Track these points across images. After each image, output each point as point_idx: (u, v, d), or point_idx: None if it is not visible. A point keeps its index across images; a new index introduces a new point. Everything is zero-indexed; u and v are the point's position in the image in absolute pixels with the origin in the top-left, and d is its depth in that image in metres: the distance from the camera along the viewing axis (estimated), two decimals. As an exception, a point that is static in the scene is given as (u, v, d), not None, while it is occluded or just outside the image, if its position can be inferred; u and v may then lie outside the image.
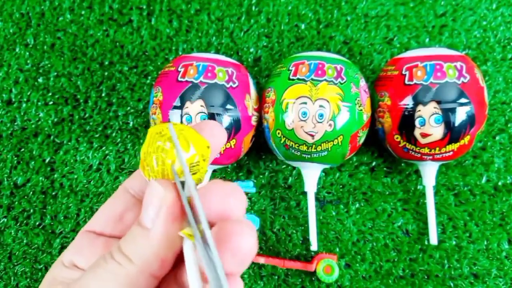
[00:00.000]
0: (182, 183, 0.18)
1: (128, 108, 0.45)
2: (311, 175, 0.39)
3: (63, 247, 0.43)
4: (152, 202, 0.17)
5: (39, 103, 0.45)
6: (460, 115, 0.35)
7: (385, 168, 0.43)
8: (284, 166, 0.44)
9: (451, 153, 0.37)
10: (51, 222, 0.43)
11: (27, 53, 0.47)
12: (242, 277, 0.43)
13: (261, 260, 0.40)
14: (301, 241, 0.42)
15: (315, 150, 0.36)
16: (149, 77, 0.46)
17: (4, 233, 0.43)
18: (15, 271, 0.43)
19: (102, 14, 0.47)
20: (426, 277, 0.41)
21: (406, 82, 0.37)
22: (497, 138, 0.44)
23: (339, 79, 0.36)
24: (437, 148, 0.37)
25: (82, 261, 0.20)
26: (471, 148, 0.39)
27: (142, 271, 0.17)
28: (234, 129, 0.36)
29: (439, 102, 0.35)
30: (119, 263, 0.17)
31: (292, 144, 0.37)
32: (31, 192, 0.44)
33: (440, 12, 0.47)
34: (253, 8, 0.47)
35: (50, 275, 0.20)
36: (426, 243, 0.42)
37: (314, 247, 0.40)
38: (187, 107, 0.36)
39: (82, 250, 0.20)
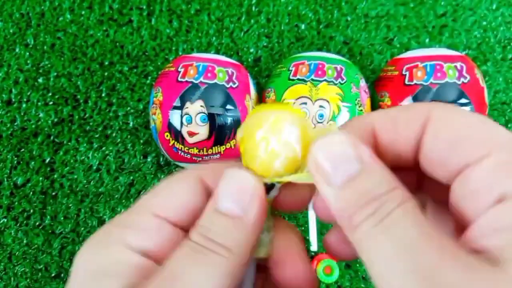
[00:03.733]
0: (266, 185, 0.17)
1: (128, 108, 0.45)
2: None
3: (63, 247, 0.43)
4: (243, 189, 0.16)
5: (39, 103, 0.45)
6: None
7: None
8: (284, 166, 0.44)
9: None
10: (51, 222, 0.43)
11: (27, 53, 0.47)
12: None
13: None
14: (301, 241, 0.42)
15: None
16: (149, 77, 0.46)
17: (4, 233, 0.43)
18: (15, 271, 0.43)
19: (102, 14, 0.47)
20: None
21: (406, 82, 0.37)
22: (497, 138, 0.44)
23: (339, 80, 0.36)
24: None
25: (154, 252, 0.17)
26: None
27: (240, 260, 0.16)
28: (234, 129, 0.36)
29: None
30: (219, 254, 0.15)
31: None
32: (31, 192, 0.44)
33: (440, 12, 0.47)
34: (253, 8, 0.47)
35: (96, 261, 0.16)
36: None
37: (314, 247, 0.40)
38: (187, 107, 0.36)
39: (156, 239, 0.17)
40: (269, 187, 0.18)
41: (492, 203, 0.13)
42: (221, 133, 0.36)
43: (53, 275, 0.42)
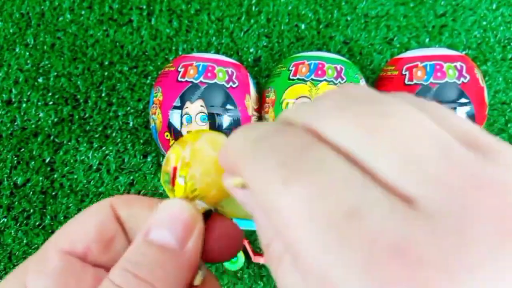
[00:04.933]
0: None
1: (128, 108, 0.45)
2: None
3: (63, 247, 0.43)
4: (178, 218, 0.15)
5: (39, 103, 0.45)
6: (460, 115, 0.35)
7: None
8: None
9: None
10: (51, 222, 0.43)
11: (27, 53, 0.47)
12: (242, 277, 0.43)
13: (261, 260, 0.40)
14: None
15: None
16: (149, 77, 0.46)
17: (4, 233, 0.43)
18: (15, 271, 0.43)
19: (102, 14, 0.47)
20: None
21: (406, 82, 0.37)
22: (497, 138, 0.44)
23: (339, 79, 0.36)
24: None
25: None
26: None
27: None
28: (234, 129, 0.36)
29: (439, 102, 0.35)
30: None
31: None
32: (31, 192, 0.44)
33: (440, 12, 0.47)
34: (253, 8, 0.47)
35: None
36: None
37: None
38: (187, 107, 0.36)
39: (59, 278, 0.15)
40: (206, 214, 0.16)
41: None
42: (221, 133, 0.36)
43: (53, 275, 0.42)
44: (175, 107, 0.36)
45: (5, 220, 0.43)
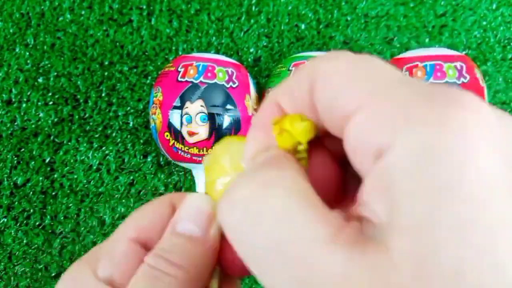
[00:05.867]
0: None
1: (128, 108, 0.45)
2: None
3: (63, 247, 0.43)
4: (202, 211, 0.17)
5: (39, 103, 0.45)
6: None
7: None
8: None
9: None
10: (51, 222, 0.43)
11: (27, 53, 0.47)
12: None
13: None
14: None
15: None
16: (149, 77, 0.46)
17: (4, 233, 0.43)
18: (15, 271, 0.43)
19: (102, 14, 0.47)
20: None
21: (406, 82, 0.37)
22: (497, 138, 0.44)
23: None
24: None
25: (120, 278, 0.16)
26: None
27: (196, 283, 0.16)
28: (234, 129, 0.36)
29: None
30: (174, 276, 0.15)
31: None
32: (31, 192, 0.44)
33: (440, 12, 0.47)
34: (253, 8, 0.47)
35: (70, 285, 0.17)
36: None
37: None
38: (187, 107, 0.36)
39: (125, 265, 0.17)
40: None
41: (372, 161, 0.11)
42: (221, 132, 0.36)
43: (53, 275, 0.42)
44: (175, 107, 0.36)
45: (5, 220, 0.43)
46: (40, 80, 0.46)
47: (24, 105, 0.46)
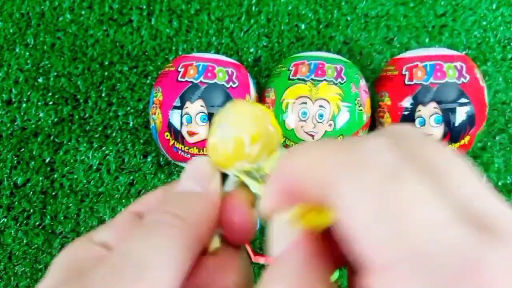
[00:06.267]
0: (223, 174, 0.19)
1: (128, 108, 0.45)
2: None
3: (63, 247, 0.43)
4: (203, 171, 0.18)
5: (39, 103, 0.45)
6: (460, 115, 0.35)
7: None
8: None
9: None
10: (51, 222, 0.43)
11: (27, 53, 0.47)
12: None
13: (261, 260, 0.40)
14: (301, 241, 0.42)
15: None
16: (149, 77, 0.46)
17: (4, 233, 0.43)
18: (15, 271, 0.43)
19: (102, 14, 0.47)
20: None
21: (406, 82, 0.37)
22: (497, 138, 0.44)
23: (339, 79, 0.36)
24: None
25: (115, 240, 0.17)
26: (471, 148, 0.39)
27: (197, 233, 0.16)
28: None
29: (439, 102, 0.35)
30: (175, 226, 0.15)
31: (292, 144, 0.37)
32: (31, 192, 0.44)
33: (440, 12, 0.47)
34: (253, 8, 0.47)
35: (67, 255, 0.17)
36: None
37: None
38: (187, 107, 0.36)
39: (121, 229, 0.17)
40: (224, 177, 0.19)
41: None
42: (221, 133, 0.36)
43: (53, 275, 0.42)
44: (175, 107, 0.36)
45: (5, 220, 0.43)
46: (40, 80, 0.46)
47: (24, 105, 0.46)
